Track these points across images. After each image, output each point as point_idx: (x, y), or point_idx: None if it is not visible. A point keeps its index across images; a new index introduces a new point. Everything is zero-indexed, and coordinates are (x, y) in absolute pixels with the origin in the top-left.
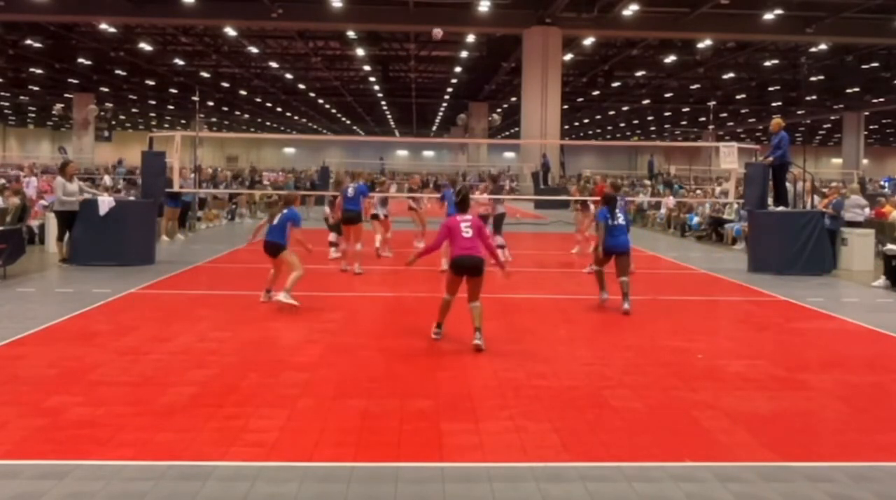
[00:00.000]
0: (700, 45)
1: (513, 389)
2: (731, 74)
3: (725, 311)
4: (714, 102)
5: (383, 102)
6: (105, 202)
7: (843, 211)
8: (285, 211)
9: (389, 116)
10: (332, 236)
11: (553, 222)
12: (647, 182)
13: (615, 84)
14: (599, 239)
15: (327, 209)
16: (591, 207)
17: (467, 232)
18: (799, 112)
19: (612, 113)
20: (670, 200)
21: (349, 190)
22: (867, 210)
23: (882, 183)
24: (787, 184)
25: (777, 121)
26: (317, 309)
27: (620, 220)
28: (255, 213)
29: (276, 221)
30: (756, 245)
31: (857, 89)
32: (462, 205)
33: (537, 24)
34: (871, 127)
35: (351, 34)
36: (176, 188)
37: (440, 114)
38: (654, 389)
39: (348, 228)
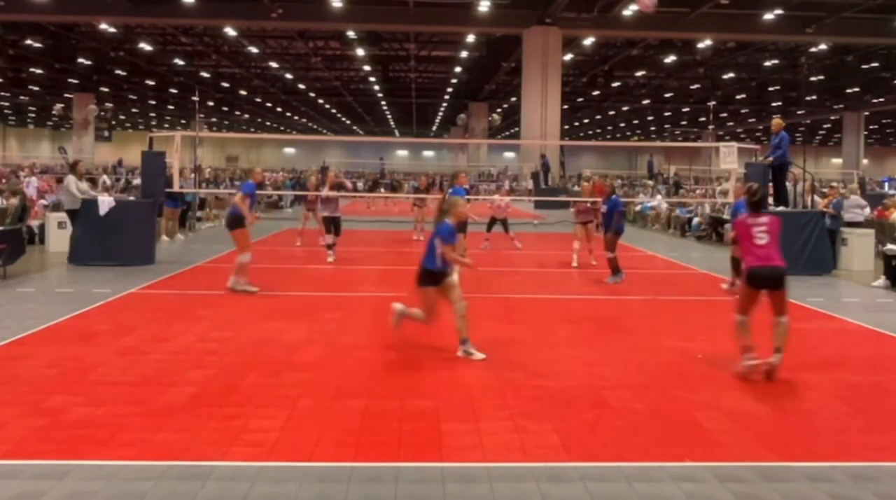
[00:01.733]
0: (700, 45)
1: (513, 389)
2: (731, 74)
3: (725, 311)
4: (714, 102)
5: (383, 102)
6: (105, 202)
7: (842, 211)
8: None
9: (389, 116)
10: (329, 239)
11: (554, 223)
12: (648, 182)
13: (615, 84)
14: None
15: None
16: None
17: (762, 238)
18: (799, 112)
19: (612, 113)
20: (662, 204)
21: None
22: (867, 210)
23: (882, 183)
24: (787, 184)
25: (777, 121)
26: (317, 309)
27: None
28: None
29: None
30: None
31: (856, 89)
32: (756, 206)
33: (537, 24)
34: (871, 127)
35: (351, 34)
36: (176, 188)
37: (440, 114)
38: (654, 389)
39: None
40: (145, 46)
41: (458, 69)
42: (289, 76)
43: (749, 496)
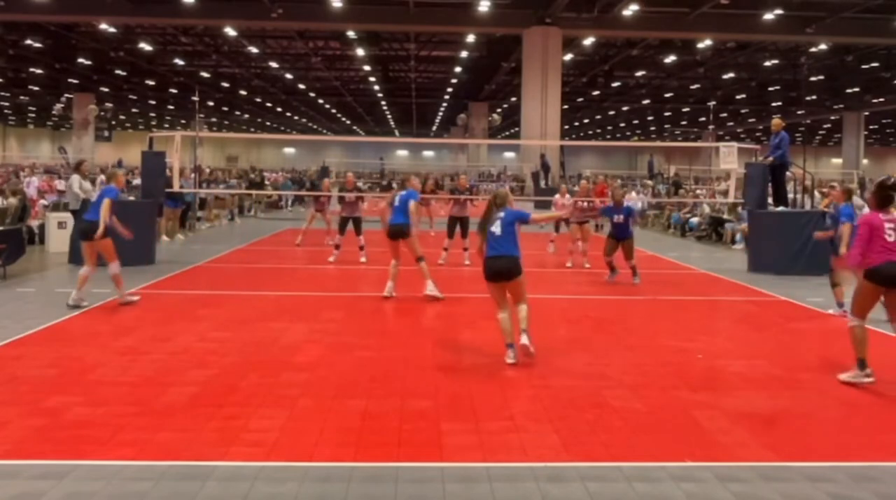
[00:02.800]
0: (700, 46)
1: (513, 389)
2: (731, 74)
3: (725, 311)
4: (714, 102)
5: (383, 102)
6: None
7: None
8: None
9: (389, 116)
10: (337, 239)
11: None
12: (649, 182)
13: (615, 84)
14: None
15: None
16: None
17: (892, 235)
18: (799, 112)
19: (612, 113)
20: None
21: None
22: (865, 209)
23: None
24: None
25: (777, 121)
26: (317, 309)
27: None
28: (256, 213)
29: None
30: (756, 245)
31: (856, 89)
32: (887, 201)
33: (537, 25)
34: (871, 127)
35: (351, 34)
36: (176, 188)
37: (440, 114)
38: (654, 389)
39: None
40: (145, 46)
41: (458, 69)
42: (289, 76)
43: (749, 496)
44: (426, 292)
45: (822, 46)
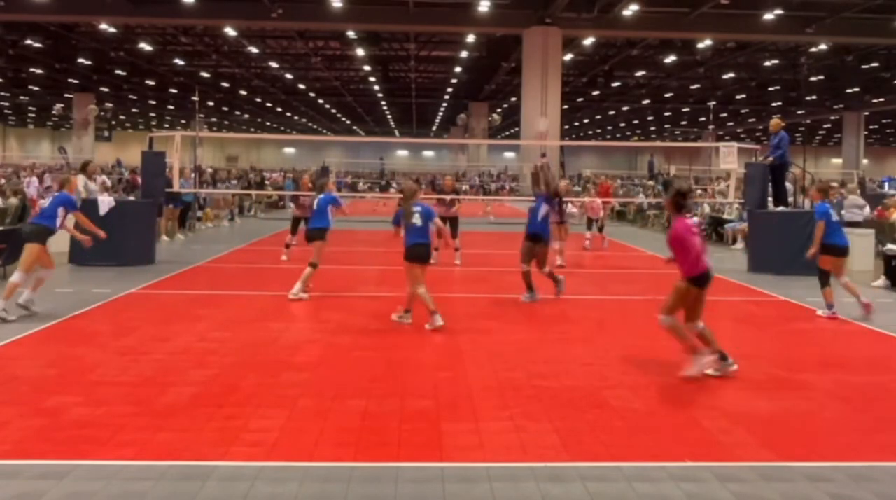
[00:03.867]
0: (700, 46)
1: (513, 389)
2: (731, 74)
3: (725, 311)
4: (714, 102)
5: (383, 102)
6: (105, 202)
7: (842, 211)
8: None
9: (389, 116)
10: (289, 238)
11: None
12: (649, 182)
13: (615, 84)
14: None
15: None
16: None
17: None
18: (799, 112)
19: (612, 113)
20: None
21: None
22: (867, 210)
23: (883, 183)
24: (787, 184)
25: (776, 121)
26: (316, 309)
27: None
28: (256, 213)
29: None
30: (756, 245)
31: (856, 89)
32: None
33: (537, 25)
34: (871, 127)
35: (351, 34)
36: (176, 188)
37: (440, 114)
38: (654, 389)
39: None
40: (145, 46)
41: (458, 69)
42: (289, 76)
43: (749, 496)
44: (290, 294)
45: (822, 46)
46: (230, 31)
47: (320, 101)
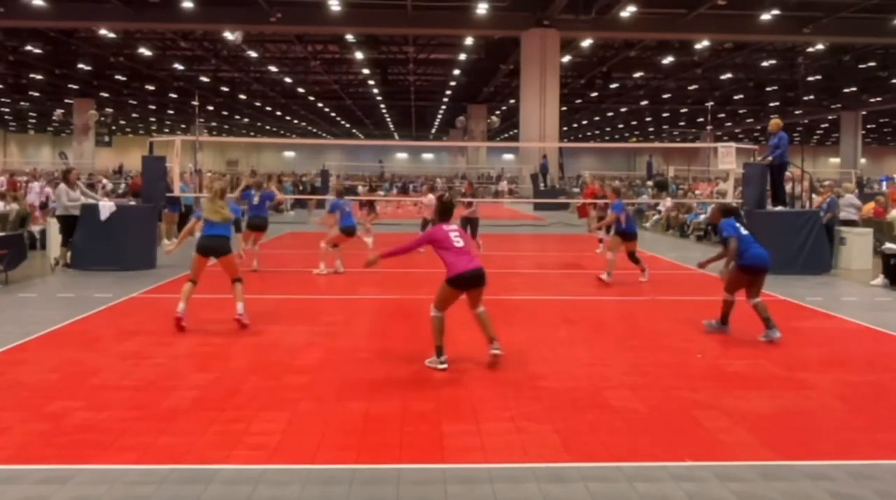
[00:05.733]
0: (697, 46)
1: (513, 390)
2: (729, 75)
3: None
4: (712, 103)
5: (382, 106)
6: (106, 207)
7: (836, 209)
8: None
9: (388, 119)
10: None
11: (553, 224)
12: (649, 183)
13: (613, 85)
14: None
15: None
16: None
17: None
18: (796, 112)
19: (610, 114)
20: (668, 201)
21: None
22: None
23: (881, 181)
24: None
25: (776, 121)
26: (317, 312)
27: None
28: None
29: None
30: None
31: (854, 89)
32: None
33: (535, 27)
34: (869, 126)
35: (349, 38)
36: (176, 193)
37: (439, 116)
38: (655, 389)
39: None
40: (145, 51)
41: (456, 72)
42: (288, 80)
43: (750, 496)
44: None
45: (820, 46)
46: (229, 36)
47: (319, 104)
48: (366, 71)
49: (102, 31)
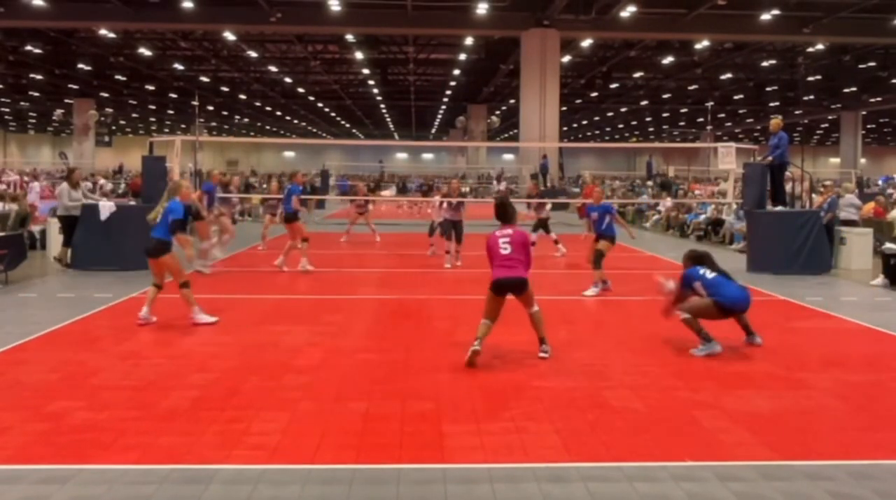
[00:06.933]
0: (698, 46)
1: (513, 390)
2: (729, 75)
3: None
4: (712, 103)
5: (382, 106)
6: (106, 207)
7: (837, 209)
8: None
9: (388, 119)
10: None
11: (552, 224)
12: (649, 183)
13: (613, 85)
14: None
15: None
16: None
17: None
18: (796, 112)
19: (610, 114)
20: (668, 202)
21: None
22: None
23: (881, 181)
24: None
25: (776, 121)
26: (317, 312)
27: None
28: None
29: None
30: (755, 245)
31: (854, 89)
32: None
33: (535, 27)
34: (869, 126)
35: (350, 38)
36: None
37: (439, 116)
38: (655, 389)
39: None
40: (145, 51)
41: (456, 72)
42: (288, 80)
43: (750, 495)
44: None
45: (820, 46)
46: (229, 36)
47: (319, 104)
48: (366, 71)
49: (102, 31)
